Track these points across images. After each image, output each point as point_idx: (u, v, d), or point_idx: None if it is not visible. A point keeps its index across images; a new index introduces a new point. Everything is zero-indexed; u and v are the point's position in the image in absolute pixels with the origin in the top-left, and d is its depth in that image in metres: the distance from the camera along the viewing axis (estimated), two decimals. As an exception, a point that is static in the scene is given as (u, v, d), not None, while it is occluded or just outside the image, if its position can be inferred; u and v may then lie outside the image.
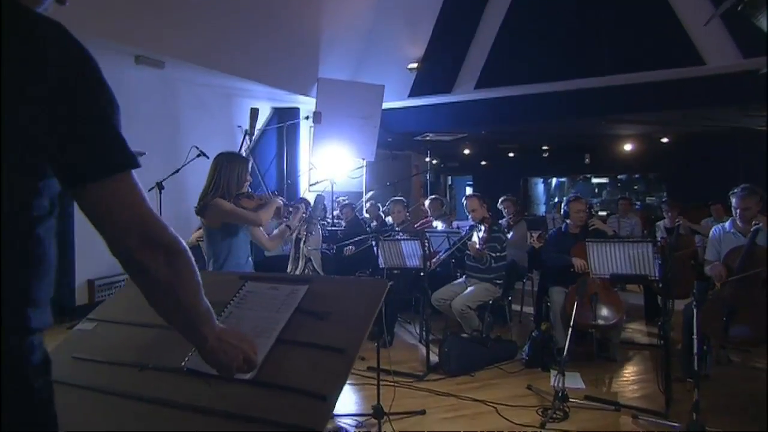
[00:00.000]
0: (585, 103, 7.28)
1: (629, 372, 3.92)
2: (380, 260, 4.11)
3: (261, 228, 2.77)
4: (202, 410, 1.09)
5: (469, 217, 4.50)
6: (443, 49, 7.39)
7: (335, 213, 6.37)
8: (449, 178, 13.52)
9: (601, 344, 4.12)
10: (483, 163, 12.16)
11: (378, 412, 2.87)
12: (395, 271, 4.32)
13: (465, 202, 4.52)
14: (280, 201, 3.04)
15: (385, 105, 7.65)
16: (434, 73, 7.52)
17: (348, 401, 3.39)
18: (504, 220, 5.29)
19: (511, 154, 11.38)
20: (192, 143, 5.82)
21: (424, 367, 3.82)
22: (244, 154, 3.47)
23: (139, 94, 5.65)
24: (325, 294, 1.33)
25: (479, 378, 3.71)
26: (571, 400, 3.15)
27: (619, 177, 14.10)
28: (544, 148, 10.85)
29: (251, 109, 3.54)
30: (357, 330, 1.20)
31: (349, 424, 3.00)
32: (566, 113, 7.65)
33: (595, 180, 14.74)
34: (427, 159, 10.31)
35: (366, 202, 6.71)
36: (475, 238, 4.26)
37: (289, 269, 4.83)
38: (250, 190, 2.70)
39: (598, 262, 3.37)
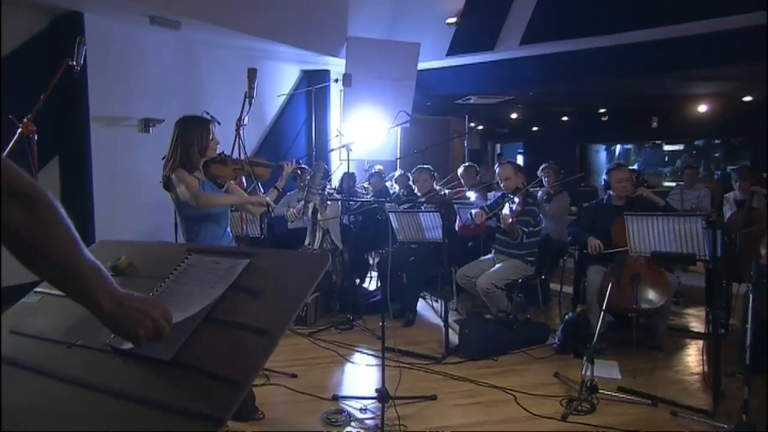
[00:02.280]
0: (649, 57, 6.69)
1: (676, 363, 3.68)
2: (397, 233, 4.03)
3: (239, 190, 2.73)
4: (113, 392, 1.07)
5: (502, 186, 4.31)
6: (484, 1, 7.01)
7: (364, 184, 6.30)
8: (497, 145, 13.09)
9: (646, 331, 3.89)
10: (534, 128, 11.66)
11: (382, 396, 2.84)
12: (413, 245, 4.23)
13: (497, 170, 4.33)
14: (288, 165, 2.98)
15: (421, 65, 7.42)
16: (475, 29, 7.18)
17: (358, 383, 3.38)
18: (542, 189, 5.05)
19: (564, 118, 10.82)
20: (213, 110, 5.88)
21: (444, 349, 3.75)
22: (246, 121, 3.41)
23: (155, 57, 5.73)
24: (265, 269, 1.26)
25: (502, 363, 3.61)
26: (601, 391, 3.00)
27: (696, 143, 13.12)
28: (602, 110, 10.22)
29: (248, 69, 3.47)
30: (285, 310, 1.13)
31: (353, 407, 2.99)
32: (627, 70, 7.08)
33: (667, 147, 13.81)
34: (472, 124, 9.99)
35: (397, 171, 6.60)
36: (506, 211, 4.08)
37: (306, 242, 4.86)
38: (224, 153, 2.63)
39: (638, 238, 3.13)
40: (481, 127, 11.22)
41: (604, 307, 3.15)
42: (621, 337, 3.93)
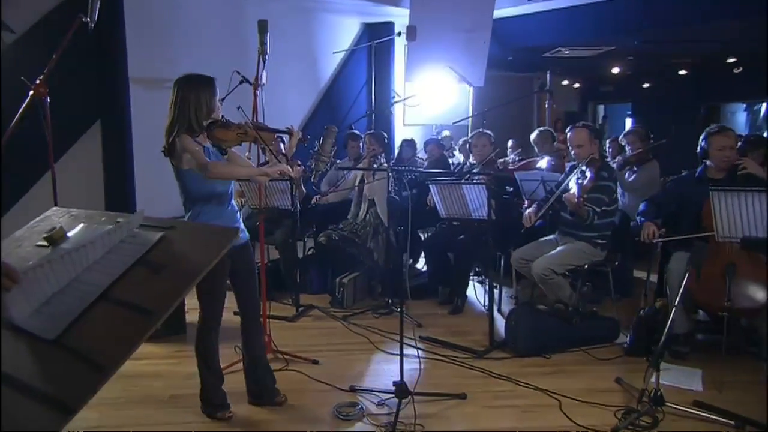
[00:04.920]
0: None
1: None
2: (439, 208, 3.90)
3: (242, 156, 2.76)
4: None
5: (572, 154, 4.02)
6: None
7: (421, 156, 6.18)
8: (600, 107, 12.25)
9: (747, 335, 3.50)
10: (645, 85, 10.75)
11: (400, 391, 2.80)
12: (455, 223, 4.08)
13: (569, 135, 4.04)
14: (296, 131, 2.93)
15: (498, 13, 7.05)
16: (564, -35, 6.70)
17: (383, 374, 3.34)
18: (619, 157, 4.65)
19: (682, 72, 9.84)
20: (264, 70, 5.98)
21: (489, 343, 3.62)
22: (264, 79, 3.42)
23: (200, 14, 5.91)
24: (175, 243, 1.26)
25: (555, 362, 3.42)
26: (670, 404, 2.74)
27: None
28: (731, 60, 9.15)
29: (258, 22, 3.45)
30: (175, 289, 1.11)
31: (370, 401, 2.97)
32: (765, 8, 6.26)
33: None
34: (565, 82, 9.44)
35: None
36: (572, 185, 3.79)
37: (350, 214, 4.88)
38: (225, 118, 2.64)
39: (726, 220, 2.79)
40: (577, 85, 10.55)
41: (676, 303, 2.86)
42: (714, 340, 3.58)
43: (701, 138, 3.54)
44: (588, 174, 3.78)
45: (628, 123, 11.98)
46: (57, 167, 4.94)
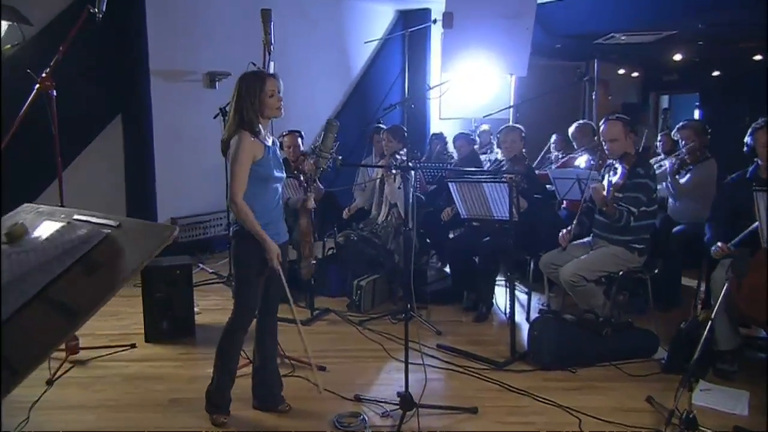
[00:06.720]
0: None
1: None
2: (460, 208, 3.85)
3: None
4: None
5: (606, 149, 3.90)
6: None
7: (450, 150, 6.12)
8: (664, 97, 11.79)
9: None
10: (715, 73, 10.28)
11: (404, 402, 2.79)
12: (474, 223, 4.02)
13: (602, 128, 3.91)
14: None
15: (543, -4, 6.91)
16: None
17: (393, 384, 3.33)
18: (672, 158, 4.45)
19: (757, 57, 9.35)
20: (288, 61, 6.06)
21: (510, 353, 3.56)
22: (272, 71, 3.47)
23: (222, 3, 6.03)
24: (117, 242, 1.28)
25: (581, 377, 3.33)
26: (703, 428, 2.62)
27: None
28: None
29: (262, 11, 3.49)
30: (104, 291, 1.14)
31: (375, 411, 2.97)
32: None
33: None
34: (621, 71, 9.14)
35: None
36: (605, 183, 3.70)
37: (372, 214, 4.89)
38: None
39: (772, 224, 2.63)
40: (635, 74, 10.19)
41: (713, 315, 2.72)
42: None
43: (747, 134, 3.37)
44: (619, 169, 3.66)
45: (697, 115, 11.49)
46: (76, 163, 5.19)
